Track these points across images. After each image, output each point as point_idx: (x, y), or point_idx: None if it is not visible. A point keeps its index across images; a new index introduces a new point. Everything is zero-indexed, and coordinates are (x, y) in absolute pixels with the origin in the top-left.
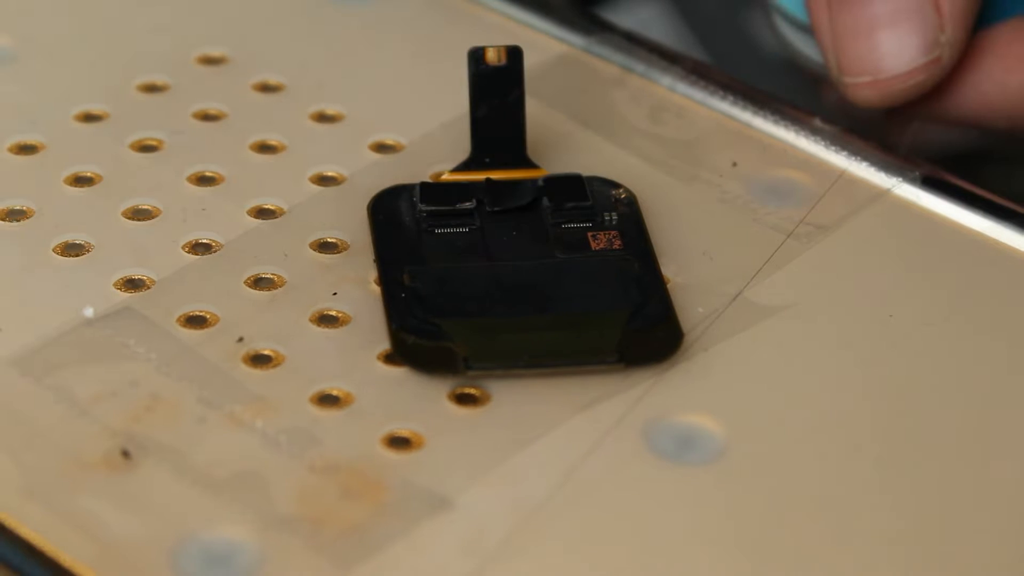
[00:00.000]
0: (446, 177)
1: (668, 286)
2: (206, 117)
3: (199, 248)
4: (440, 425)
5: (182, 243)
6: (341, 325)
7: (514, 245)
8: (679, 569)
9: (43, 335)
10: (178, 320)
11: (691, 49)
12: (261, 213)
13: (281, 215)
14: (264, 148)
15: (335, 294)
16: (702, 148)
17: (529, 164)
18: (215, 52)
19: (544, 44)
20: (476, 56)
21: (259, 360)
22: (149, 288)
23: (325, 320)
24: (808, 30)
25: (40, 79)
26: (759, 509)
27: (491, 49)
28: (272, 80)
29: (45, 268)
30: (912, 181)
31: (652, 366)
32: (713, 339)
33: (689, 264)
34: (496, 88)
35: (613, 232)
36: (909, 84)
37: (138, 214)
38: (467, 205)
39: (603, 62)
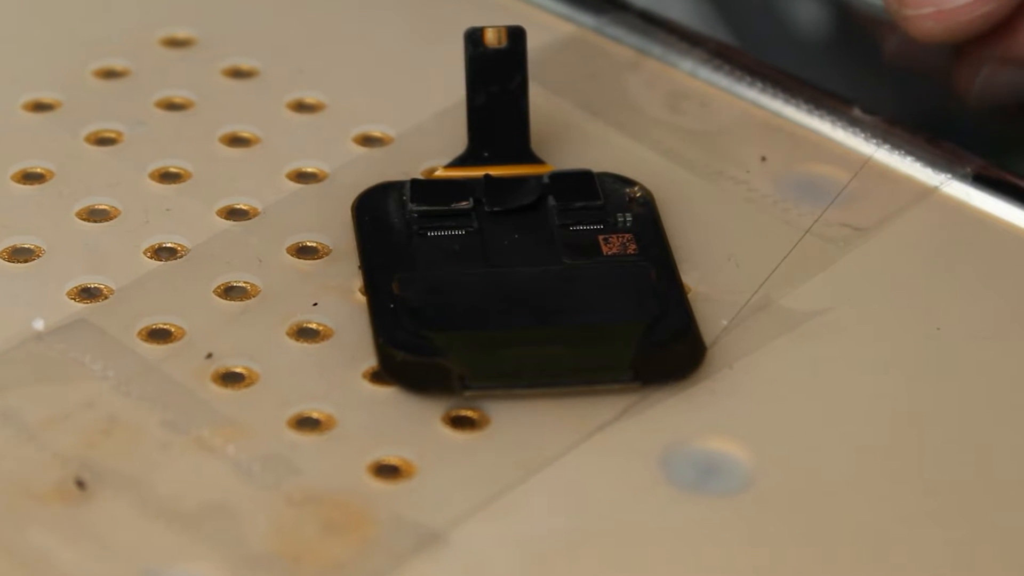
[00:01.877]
0: (440, 173)
1: (689, 295)
2: (170, 106)
3: (163, 253)
4: (433, 451)
5: (144, 247)
6: (322, 339)
7: (516, 249)
8: None
9: None
10: (139, 334)
11: (715, 30)
12: (232, 214)
13: (255, 216)
14: (236, 141)
15: (315, 304)
16: (727, 141)
17: (533, 159)
18: (181, 33)
19: (550, 24)
20: (474, 37)
21: (230, 379)
22: (107, 298)
23: (304, 334)
24: None
25: None
26: (791, 546)
27: (490, 30)
28: (244, 64)
29: None
30: (962, 178)
31: (671, 385)
32: (739, 354)
33: (712, 271)
34: (496, 73)
35: (627, 235)
36: (977, 15)
37: (94, 215)
38: (463, 205)
39: (616, 44)
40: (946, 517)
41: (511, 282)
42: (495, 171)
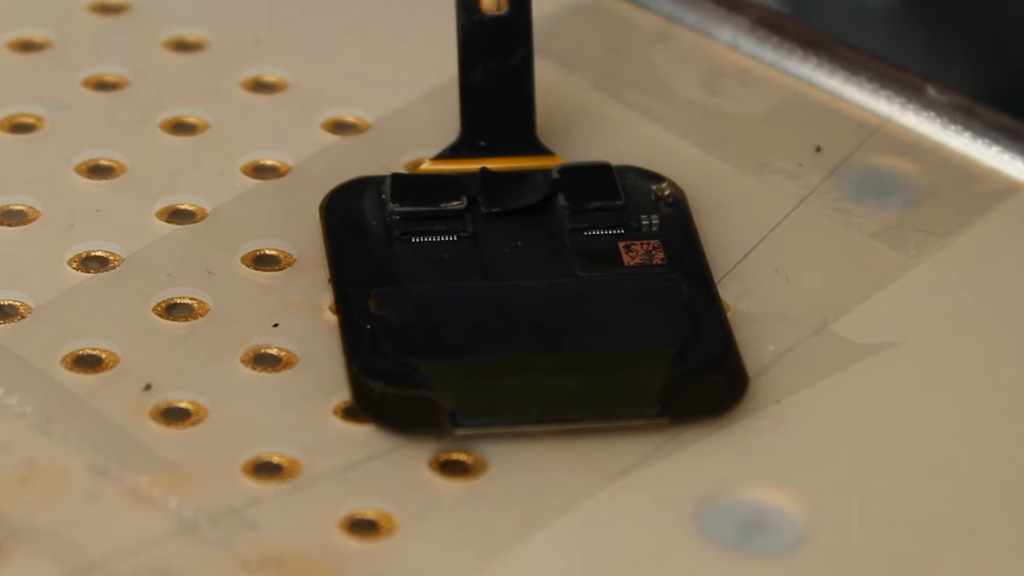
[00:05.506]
0: (426, 167)
1: (728, 314)
2: (101, 85)
3: (91, 263)
4: (418, 503)
5: (68, 256)
6: (284, 367)
7: (519, 259)
8: None
9: None
10: (63, 361)
11: None
12: (175, 215)
13: (203, 218)
14: (179, 127)
15: (276, 326)
16: (774, 127)
17: (539, 149)
18: None
19: None
20: (467, 3)
21: (173, 415)
22: (23, 317)
23: (262, 361)
24: None
25: None
26: None
27: None
28: (190, 35)
29: None
30: None
31: (707, 423)
32: (789, 387)
33: (756, 285)
34: (495, 45)
35: (654, 241)
36: None
37: (8, 217)
38: (455, 205)
39: (640, 10)
40: None
41: (513, 299)
42: (493, 164)
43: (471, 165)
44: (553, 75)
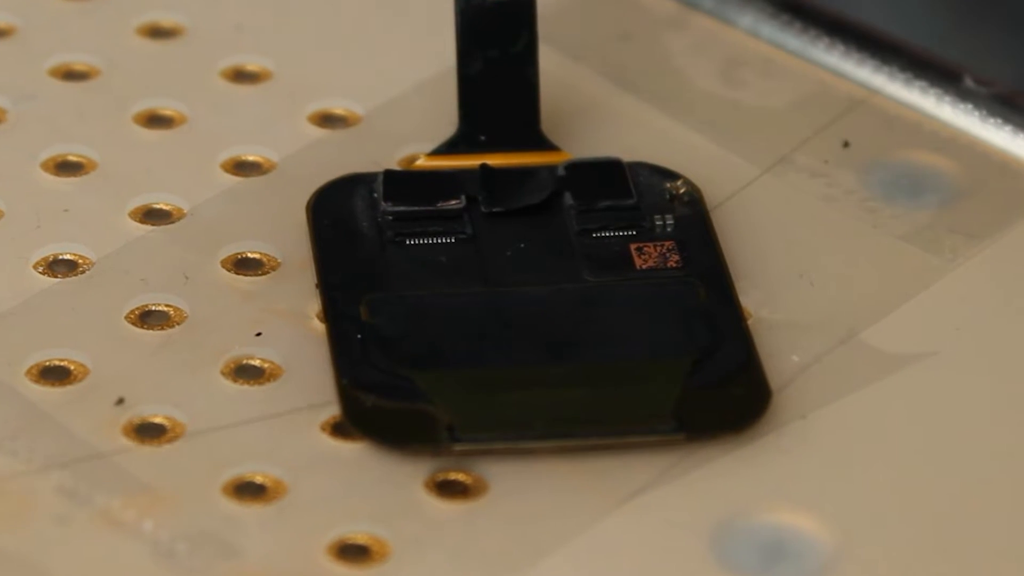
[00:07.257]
0: (422, 163)
1: (749, 322)
2: (69, 74)
3: (59, 266)
4: (413, 526)
5: (34, 259)
6: (268, 380)
7: (522, 263)
8: None
9: None
10: (28, 372)
11: None
12: (150, 215)
13: (180, 218)
14: (154, 120)
15: (259, 335)
16: (798, 121)
17: (544, 144)
18: None
19: None
20: None
21: (148, 431)
22: None
23: (244, 373)
24: None
25: None
26: None
27: None
28: (165, 21)
29: None
30: None
31: (726, 439)
32: (815, 401)
33: (779, 291)
34: (496, 33)
35: (668, 243)
36: None
37: None
38: (453, 204)
39: None
40: None
41: (515, 305)
42: (494, 160)
43: (470, 161)
44: (559, 64)
